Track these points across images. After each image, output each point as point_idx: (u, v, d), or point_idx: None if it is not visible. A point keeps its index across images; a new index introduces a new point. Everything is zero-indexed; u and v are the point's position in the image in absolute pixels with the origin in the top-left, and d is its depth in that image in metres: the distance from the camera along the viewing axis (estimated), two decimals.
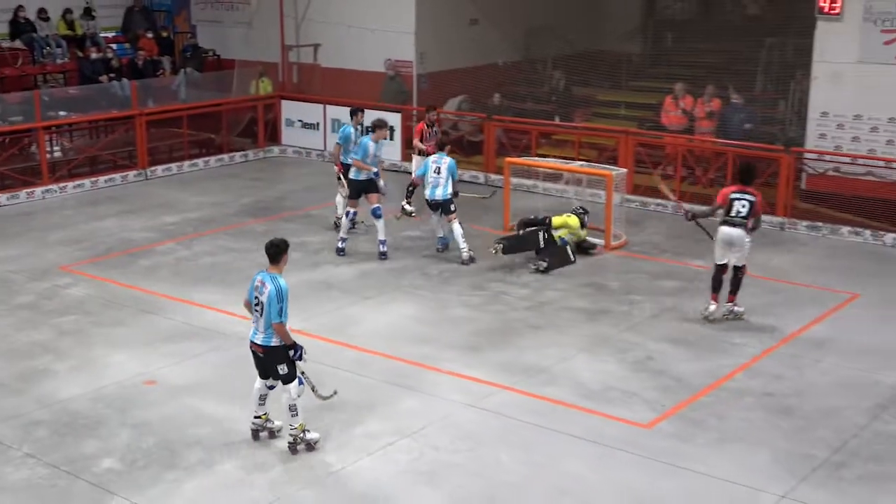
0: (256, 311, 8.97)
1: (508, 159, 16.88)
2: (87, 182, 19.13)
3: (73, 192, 18.78)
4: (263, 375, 9.22)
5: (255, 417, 9.38)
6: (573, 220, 14.96)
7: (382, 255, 14.81)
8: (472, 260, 14.57)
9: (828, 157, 17.24)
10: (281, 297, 8.74)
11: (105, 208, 17.79)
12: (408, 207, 16.26)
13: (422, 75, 21.92)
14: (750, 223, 12.17)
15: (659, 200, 17.71)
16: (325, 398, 9.36)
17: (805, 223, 16.48)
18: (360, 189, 14.74)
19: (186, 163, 20.74)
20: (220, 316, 12.45)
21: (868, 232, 15.94)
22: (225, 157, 21.46)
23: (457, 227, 14.61)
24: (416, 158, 17.04)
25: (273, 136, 22.38)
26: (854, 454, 9.19)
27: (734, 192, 12.31)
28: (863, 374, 10.93)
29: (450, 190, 14.61)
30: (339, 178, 15.77)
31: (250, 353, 9.14)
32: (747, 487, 8.63)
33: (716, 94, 18.77)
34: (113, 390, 10.50)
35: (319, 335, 11.81)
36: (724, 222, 12.27)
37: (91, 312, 12.72)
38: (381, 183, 14.88)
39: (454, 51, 21.87)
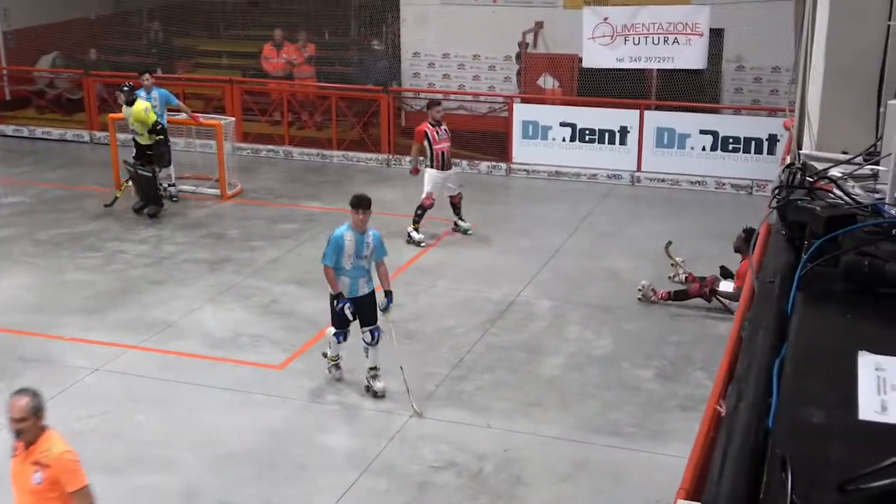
0: None
1: (112, 115, 16.17)
2: None
3: None
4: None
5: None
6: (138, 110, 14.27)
7: None
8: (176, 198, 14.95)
9: (423, 95, 18.02)
10: (328, 240, 9.12)
11: None
12: (415, 235, 13.20)
13: (7, 32, 20.39)
14: None
15: (271, 146, 17.77)
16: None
17: (408, 158, 17.12)
18: None
19: None
20: None
21: (465, 162, 16.86)
22: None
23: (172, 167, 14.88)
24: (428, 172, 13.39)
25: None
26: (470, 368, 9.82)
27: None
28: (472, 294, 11.64)
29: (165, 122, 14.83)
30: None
31: None
32: (378, 411, 8.96)
33: (311, 40, 19.00)
34: None
35: None
36: None
37: None
38: None
39: (42, 5, 20.48)
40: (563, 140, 16.37)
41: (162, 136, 14.39)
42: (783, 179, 3.91)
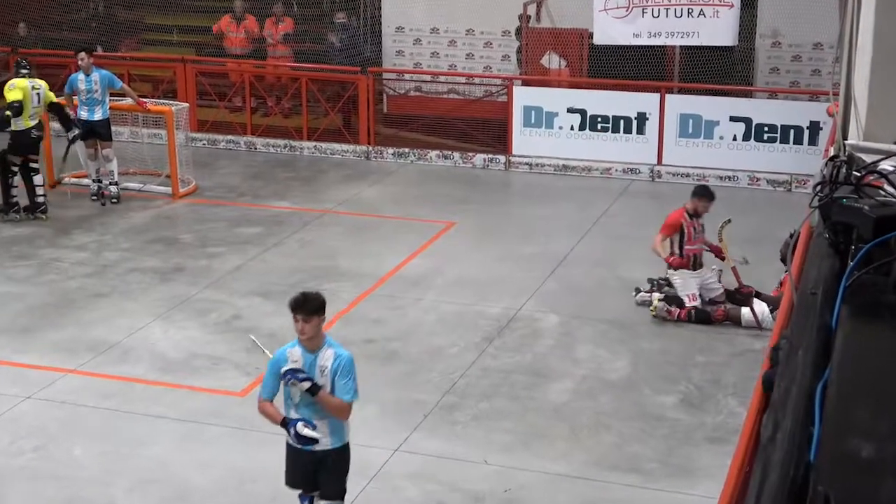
0: None
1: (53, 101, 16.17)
2: None
3: None
4: None
5: None
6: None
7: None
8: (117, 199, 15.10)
9: (408, 76, 18.04)
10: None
11: None
12: (645, 292, 11.80)
13: None
14: None
15: (230, 137, 17.78)
16: None
17: (391, 150, 17.19)
18: None
19: None
20: None
21: (457, 154, 16.90)
22: None
23: (114, 161, 14.94)
24: (678, 273, 11.57)
25: None
26: (464, 394, 9.82)
27: None
28: (466, 308, 11.66)
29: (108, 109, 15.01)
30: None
31: None
32: (357, 445, 8.94)
33: (287, 13, 18.98)
34: None
35: None
36: None
37: None
38: None
39: None
40: (572, 129, 16.40)
41: (8, 113, 14.09)
42: (826, 174, 3.93)
